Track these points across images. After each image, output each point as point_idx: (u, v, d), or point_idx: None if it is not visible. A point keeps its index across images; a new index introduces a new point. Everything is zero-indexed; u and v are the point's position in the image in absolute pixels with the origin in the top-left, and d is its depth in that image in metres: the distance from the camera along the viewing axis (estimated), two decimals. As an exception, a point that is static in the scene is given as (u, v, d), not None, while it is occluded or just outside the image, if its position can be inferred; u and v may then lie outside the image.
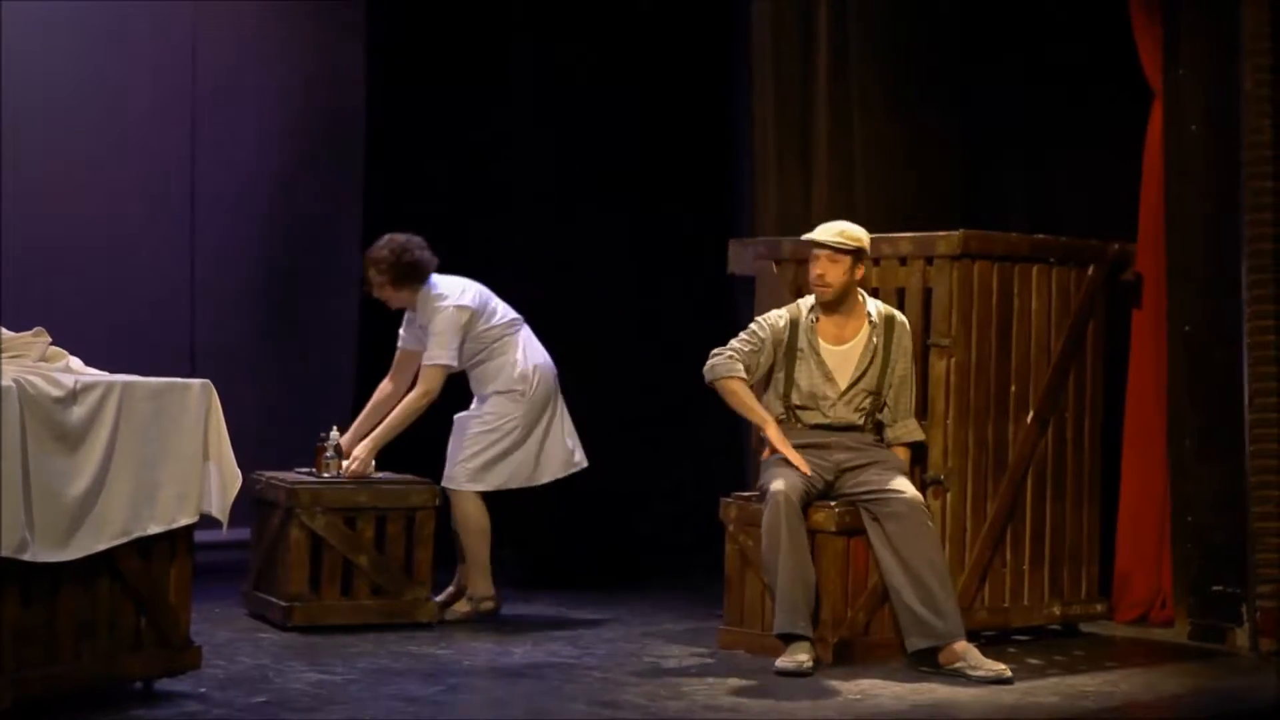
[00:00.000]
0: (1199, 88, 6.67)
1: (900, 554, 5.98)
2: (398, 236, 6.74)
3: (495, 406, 6.78)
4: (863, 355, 6.20)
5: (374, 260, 6.71)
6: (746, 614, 6.27)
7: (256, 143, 8.39)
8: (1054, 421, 6.67)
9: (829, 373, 6.19)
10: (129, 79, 8.06)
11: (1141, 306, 6.93)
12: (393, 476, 6.85)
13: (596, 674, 5.82)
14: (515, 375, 6.77)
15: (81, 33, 7.91)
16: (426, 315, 6.73)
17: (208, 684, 5.42)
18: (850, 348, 6.21)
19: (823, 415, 6.19)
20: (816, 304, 6.23)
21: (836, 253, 6.15)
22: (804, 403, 6.20)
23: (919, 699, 5.56)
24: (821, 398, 6.18)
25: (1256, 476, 6.35)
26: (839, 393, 6.19)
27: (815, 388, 6.18)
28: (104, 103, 7.98)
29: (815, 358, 6.20)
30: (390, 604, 6.56)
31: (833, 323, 6.23)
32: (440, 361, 6.67)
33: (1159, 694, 5.78)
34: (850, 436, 6.20)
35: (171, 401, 5.25)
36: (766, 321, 6.25)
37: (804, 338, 6.21)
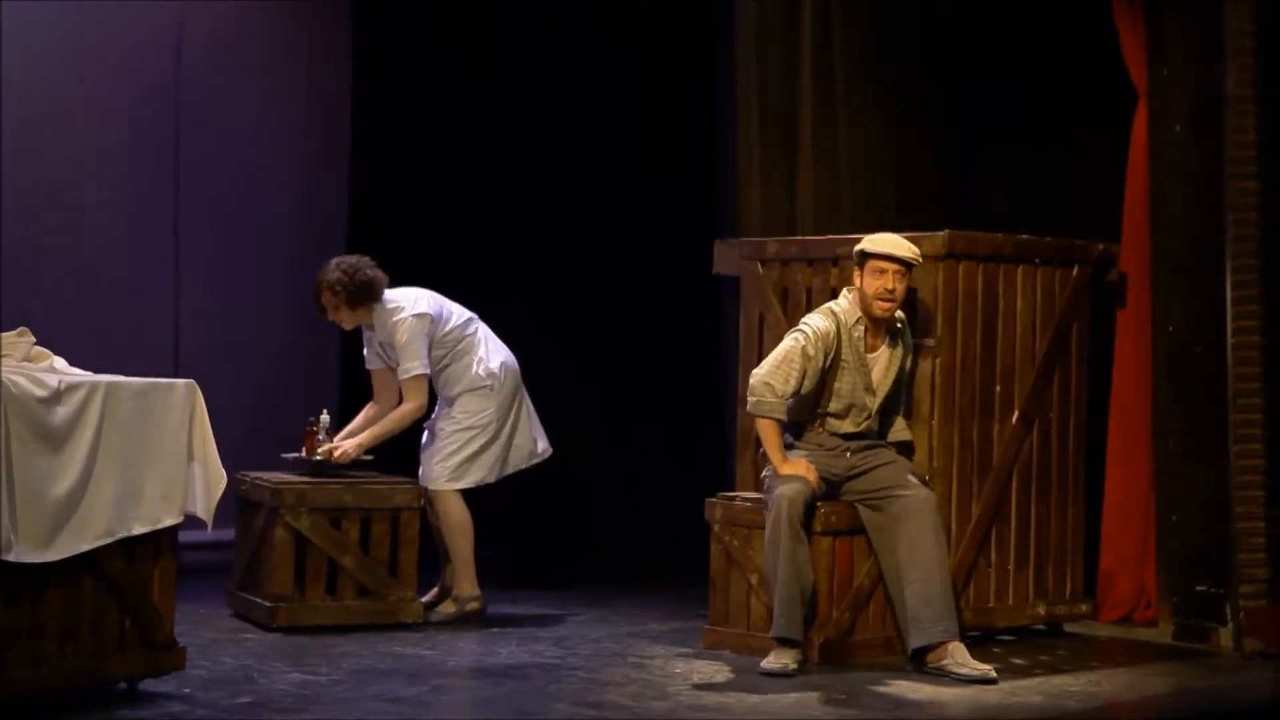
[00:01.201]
0: (1183, 88, 6.69)
1: (911, 551, 5.99)
2: (346, 258, 6.79)
3: (466, 405, 6.80)
4: (890, 363, 6.20)
5: (328, 284, 6.71)
6: (731, 614, 6.29)
7: (241, 142, 8.37)
8: (1039, 422, 6.69)
9: (870, 384, 6.16)
10: (113, 80, 8.04)
11: (1126, 307, 6.95)
12: (378, 477, 6.85)
13: (581, 674, 5.83)
14: (482, 373, 6.80)
15: (66, 34, 7.90)
16: (387, 331, 6.75)
17: (192, 685, 5.41)
18: (879, 355, 6.19)
19: (854, 424, 6.17)
20: (864, 315, 6.13)
21: (907, 269, 6.09)
22: (839, 411, 6.16)
23: (904, 699, 5.58)
24: (860, 408, 6.16)
25: (1240, 476, 6.38)
26: (877, 404, 6.18)
27: (856, 399, 6.15)
28: (88, 103, 7.97)
29: (861, 368, 6.14)
30: (375, 604, 6.56)
31: (870, 333, 6.18)
32: (418, 372, 6.71)
33: (1143, 694, 5.80)
34: (863, 440, 6.21)
35: (156, 402, 5.25)
36: (815, 335, 6.06)
37: (850, 349, 6.12)
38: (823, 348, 6.07)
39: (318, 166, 8.49)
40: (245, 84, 8.39)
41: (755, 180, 7.42)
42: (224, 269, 8.35)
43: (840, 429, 6.17)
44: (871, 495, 6.12)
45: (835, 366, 6.11)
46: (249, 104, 8.40)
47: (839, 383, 6.13)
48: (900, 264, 6.06)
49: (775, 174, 7.44)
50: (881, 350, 6.19)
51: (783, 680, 5.77)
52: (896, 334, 6.23)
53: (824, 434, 6.18)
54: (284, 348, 8.40)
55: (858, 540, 6.18)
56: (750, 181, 7.43)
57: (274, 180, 8.44)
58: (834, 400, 6.14)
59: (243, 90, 8.38)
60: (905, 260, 6.07)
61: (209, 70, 8.29)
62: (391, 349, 6.76)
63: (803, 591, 5.95)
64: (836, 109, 7.40)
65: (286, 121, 8.49)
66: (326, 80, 8.46)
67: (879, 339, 6.19)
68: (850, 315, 6.14)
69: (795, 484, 5.97)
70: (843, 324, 6.12)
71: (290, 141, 8.49)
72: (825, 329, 6.08)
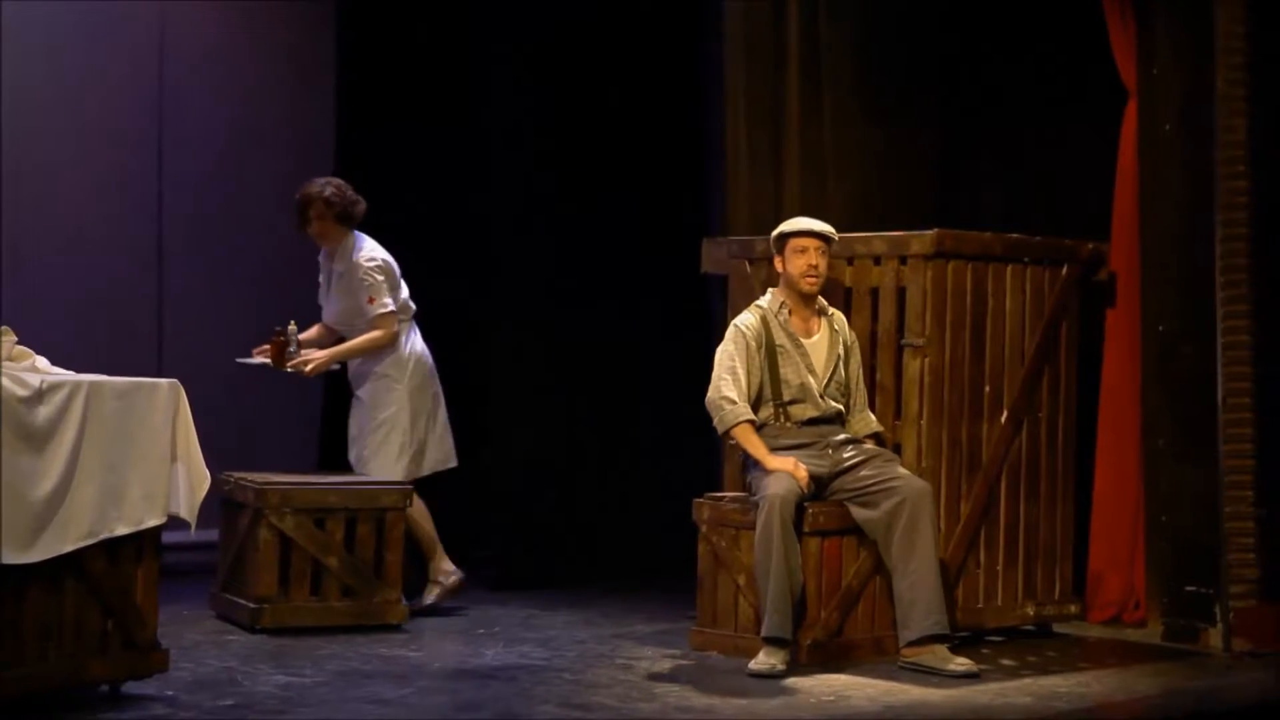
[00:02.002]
0: (1173, 87, 6.70)
1: (906, 544, 6.01)
2: (333, 179, 7.04)
3: (374, 395, 6.95)
4: (830, 348, 6.26)
5: (323, 198, 6.92)
6: (719, 615, 6.28)
7: (224, 142, 8.36)
8: (1028, 421, 6.69)
9: (810, 364, 6.24)
10: (95, 80, 8.02)
11: (1115, 306, 6.96)
12: (363, 478, 6.84)
13: (568, 676, 5.82)
14: (396, 359, 6.94)
15: (47, 35, 7.88)
16: (349, 263, 6.93)
17: (175, 687, 5.40)
18: (818, 340, 6.29)
19: (814, 407, 6.21)
20: (787, 297, 6.27)
21: (825, 243, 6.26)
22: (795, 396, 6.22)
23: (892, 700, 5.58)
24: (810, 389, 6.21)
25: (1230, 476, 6.39)
26: (823, 383, 6.24)
27: (804, 379, 6.22)
28: (70, 103, 7.95)
29: (798, 350, 6.24)
30: (360, 606, 6.56)
31: (800, 317, 6.29)
32: (390, 309, 6.90)
33: (1132, 695, 5.80)
34: (839, 432, 6.22)
35: (139, 401, 5.24)
36: (741, 329, 6.24)
37: (781, 333, 6.25)
38: (752, 336, 6.23)
39: (302, 166, 8.45)
40: (228, 83, 8.38)
41: (743, 179, 7.41)
42: (208, 268, 8.33)
43: (803, 415, 6.20)
44: (862, 491, 6.13)
45: (773, 354, 6.21)
46: (232, 103, 8.39)
47: (783, 369, 6.21)
48: (819, 239, 6.24)
49: (763, 173, 7.43)
50: (819, 335, 6.28)
51: (770, 681, 5.78)
52: (835, 322, 6.30)
53: (792, 428, 6.20)
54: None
55: (846, 540, 6.18)
56: (738, 180, 7.43)
57: (258, 180, 8.42)
58: (785, 388, 6.21)
59: (226, 88, 8.37)
60: (823, 235, 6.25)
61: (192, 69, 8.28)
62: (348, 282, 6.92)
63: (793, 591, 5.95)
64: (824, 107, 7.40)
65: (270, 121, 8.48)
66: (310, 80, 8.44)
67: (810, 322, 6.28)
68: (774, 304, 6.29)
69: (785, 482, 5.98)
70: (769, 312, 6.27)
71: (274, 141, 8.47)
72: (750, 320, 6.28)
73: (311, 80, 8.43)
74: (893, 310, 6.45)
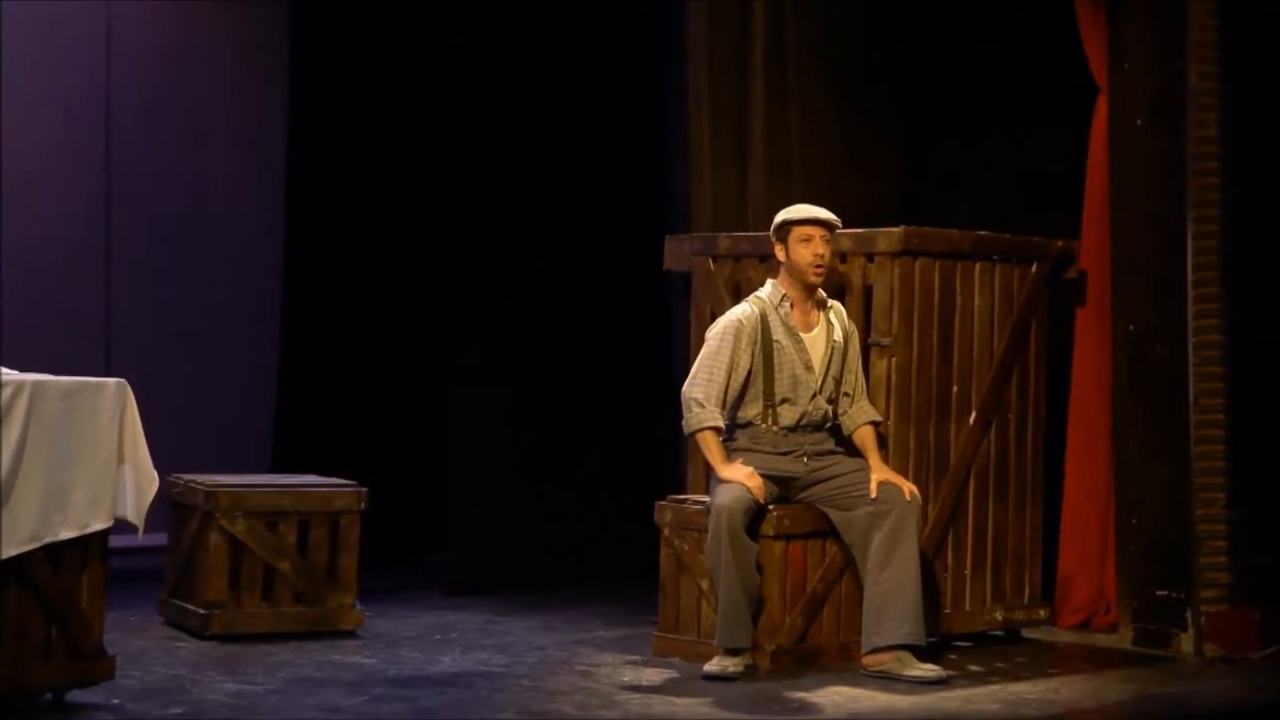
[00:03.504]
0: (1144, 82, 6.72)
1: (886, 551, 6.00)
2: None
3: None
4: (828, 342, 6.22)
5: None
6: (682, 620, 6.28)
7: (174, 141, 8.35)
8: (996, 422, 6.71)
9: (808, 361, 6.18)
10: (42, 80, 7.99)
11: (1085, 305, 6.98)
12: (317, 479, 6.82)
13: (527, 683, 5.81)
14: None
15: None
16: None
17: (121, 695, 5.37)
18: (816, 335, 6.22)
19: (803, 408, 6.17)
20: (789, 289, 6.18)
21: (830, 232, 6.18)
22: (786, 395, 6.17)
23: (858, 707, 5.58)
24: (804, 387, 6.17)
25: (1201, 478, 6.41)
26: (819, 380, 6.19)
27: (799, 376, 6.17)
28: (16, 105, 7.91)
29: (796, 345, 6.17)
30: (313, 611, 6.53)
31: (801, 310, 6.22)
32: None
33: (1102, 701, 5.83)
34: (817, 440, 6.20)
35: (85, 401, 5.20)
36: (735, 323, 6.13)
37: (780, 328, 6.16)
38: (747, 333, 6.12)
39: (253, 166, 8.46)
40: (178, 82, 8.36)
41: (707, 176, 7.41)
42: (156, 266, 8.30)
43: (790, 418, 6.17)
44: (842, 494, 6.12)
45: (770, 351, 6.14)
46: (183, 102, 8.37)
47: (779, 365, 6.15)
48: (824, 227, 6.15)
49: (727, 170, 7.42)
50: (818, 329, 6.22)
51: (733, 687, 5.77)
52: (834, 314, 6.25)
53: (775, 433, 6.18)
54: (218, 347, 8.36)
55: (811, 544, 6.19)
56: (701, 177, 7.42)
57: (208, 179, 8.41)
58: (778, 385, 6.15)
59: (176, 88, 8.35)
60: (828, 223, 6.16)
61: (141, 69, 8.26)
62: None
63: (748, 597, 5.95)
64: (790, 103, 7.40)
65: (220, 121, 8.47)
66: (262, 80, 8.43)
67: (811, 316, 6.21)
68: (775, 296, 6.19)
69: (735, 491, 5.97)
70: (768, 306, 6.18)
71: (225, 141, 8.47)
72: (748, 313, 6.16)
73: (263, 80, 8.42)
74: (859, 309, 6.46)
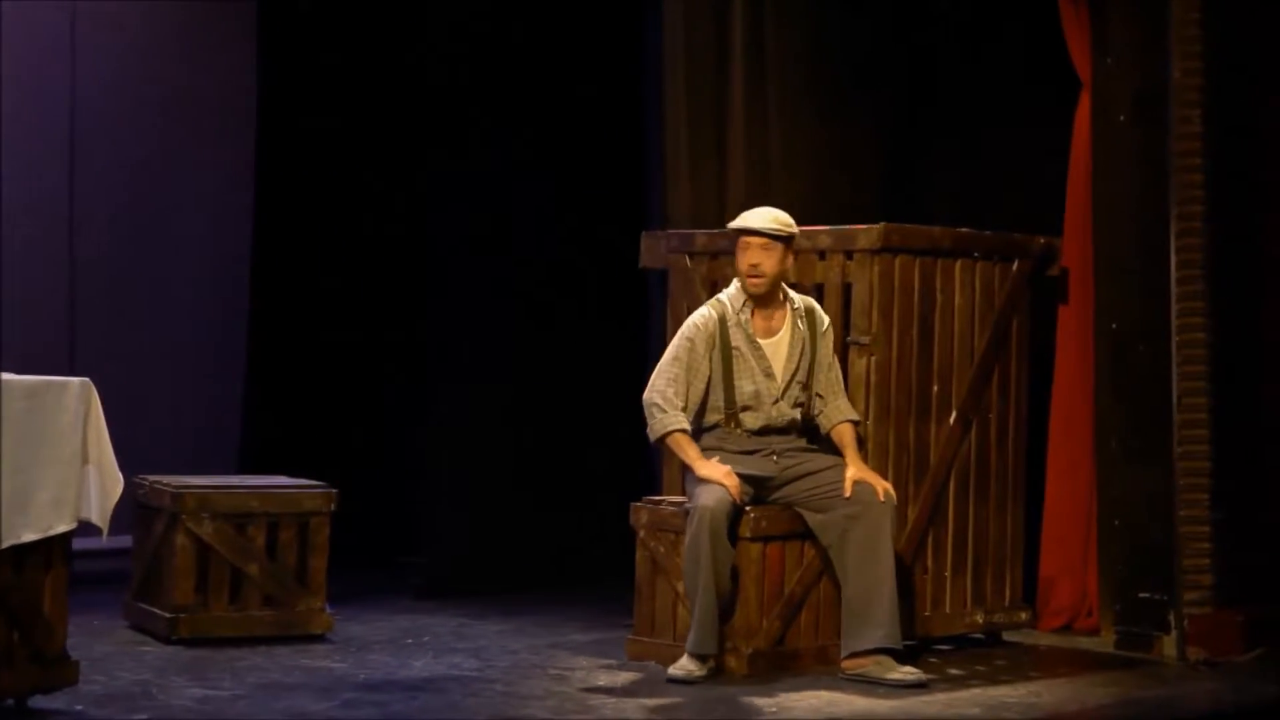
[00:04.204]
0: (1127, 77, 6.72)
1: (861, 553, 5.98)
2: None
3: None
4: (792, 345, 6.19)
5: None
6: (657, 623, 6.26)
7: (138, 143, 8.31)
8: (977, 422, 6.70)
9: (768, 368, 6.16)
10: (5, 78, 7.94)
11: (1068, 302, 6.98)
12: (285, 481, 6.79)
13: (499, 687, 5.79)
14: None
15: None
16: None
17: (84, 701, 5.33)
18: (780, 339, 6.19)
19: (765, 416, 6.16)
20: (747, 296, 6.19)
21: (771, 240, 6.12)
22: (748, 403, 6.16)
23: (836, 711, 5.57)
24: (765, 395, 6.15)
25: (1185, 479, 6.42)
26: (780, 389, 6.17)
27: (758, 386, 6.15)
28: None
29: (755, 353, 6.15)
30: (282, 615, 6.50)
31: (762, 315, 6.20)
32: None
33: (1084, 705, 5.83)
34: (789, 440, 6.19)
35: (48, 401, 5.16)
36: (694, 328, 6.15)
37: (739, 334, 6.15)
38: (704, 338, 6.11)
39: (221, 162, 8.45)
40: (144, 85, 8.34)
41: (684, 173, 7.39)
42: (121, 264, 8.27)
43: (753, 424, 6.15)
44: (816, 495, 6.10)
45: (728, 359, 6.12)
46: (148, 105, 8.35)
47: (738, 373, 6.13)
48: (761, 236, 6.08)
49: (704, 166, 7.41)
50: (782, 334, 6.18)
51: (709, 691, 5.75)
52: (809, 318, 6.20)
53: (741, 435, 6.16)
54: (185, 346, 8.33)
55: (790, 546, 6.17)
56: (679, 174, 7.41)
57: (175, 175, 8.39)
58: (739, 394, 6.14)
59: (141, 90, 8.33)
60: (762, 231, 6.09)
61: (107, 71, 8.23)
62: None
63: (720, 603, 5.94)
64: (769, 97, 7.39)
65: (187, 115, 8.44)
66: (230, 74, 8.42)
67: (774, 321, 6.18)
68: (737, 300, 6.18)
69: (716, 493, 5.95)
70: (729, 310, 6.16)
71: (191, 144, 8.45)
72: (707, 318, 6.15)
73: (230, 76, 8.41)
74: (838, 306, 6.44)
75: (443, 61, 7.96)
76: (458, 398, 7.83)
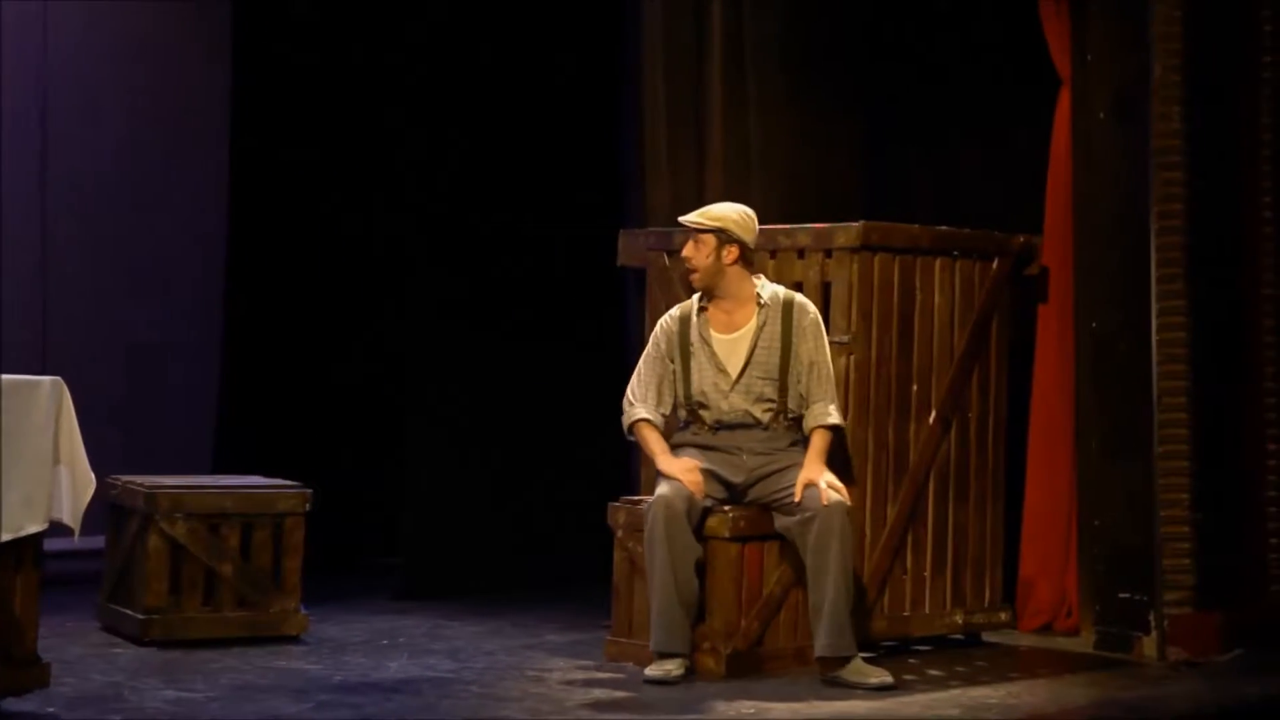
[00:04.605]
0: (1107, 75, 6.73)
1: (815, 558, 5.97)
2: None
3: None
4: (753, 340, 6.19)
5: None
6: (635, 624, 6.25)
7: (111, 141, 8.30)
8: (957, 421, 6.71)
9: (720, 363, 6.18)
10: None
11: (1048, 301, 6.99)
12: (260, 481, 6.77)
13: (475, 689, 5.78)
14: None
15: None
16: None
17: (56, 703, 5.31)
18: (742, 335, 6.20)
19: (718, 411, 6.18)
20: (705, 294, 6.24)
21: (699, 233, 6.17)
22: (701, 399, 6.19)
23: (815, 713, 5.57)
24: (715, 390, 6.17)
25: (1165, 479, 6.42)
26: (731, 382, 6.18)
27: (709, 380, 6.17)
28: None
29: (707, 349, 6.19)
30: (256, 616, 6.48)
31: (722, 310, 6.22)
32: None
33: (1063, 706, 5.83)
34: (760, 439, 6.18)
35: (18, 400, 5.15)
36: (660, 329, 6.26)
37: (695, 332, 6.21)
38: (666, 338, 6.22)
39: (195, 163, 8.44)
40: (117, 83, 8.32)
41: (663, 169, 7.40)
42: (94, 263, 8.25)
43: (709, 419, 6.17)
44: (778, 498, 6.10)
45: (686, 355, 6.19)
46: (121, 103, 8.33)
47: (694, 368, 6.19)
48: (695, 230, 6.15)
49: (683, 162, 7.42)
50: (745, 330, 6.19)
51: (687, 692, 5.74)
52: (784, 313, 6.17)
53: (706, 431, 6.17)
54: (159, 346, 8.31)
55: (768, 546, 6.17)
56: (658, 170, 7.41)
57: (149, 176, 8.37)
58: (694, 389, 6.19)
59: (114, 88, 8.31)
60: (686, 225, 6.18)
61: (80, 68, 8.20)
62: None
63: (682, 599, 5.93)
64: (748, 95, 7.39)
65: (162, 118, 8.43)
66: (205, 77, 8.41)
67: (736, 316, 6.20)
68: (698, 298, 6.25)
69: (673, 485, 5.96)
70: (691, 308, 6.23)
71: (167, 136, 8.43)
72: (670, 318, 6.26)
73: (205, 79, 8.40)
74: (818, 305, 6.42)
75: (416, 55, 7.95)
76: (435, 398, 7.81)
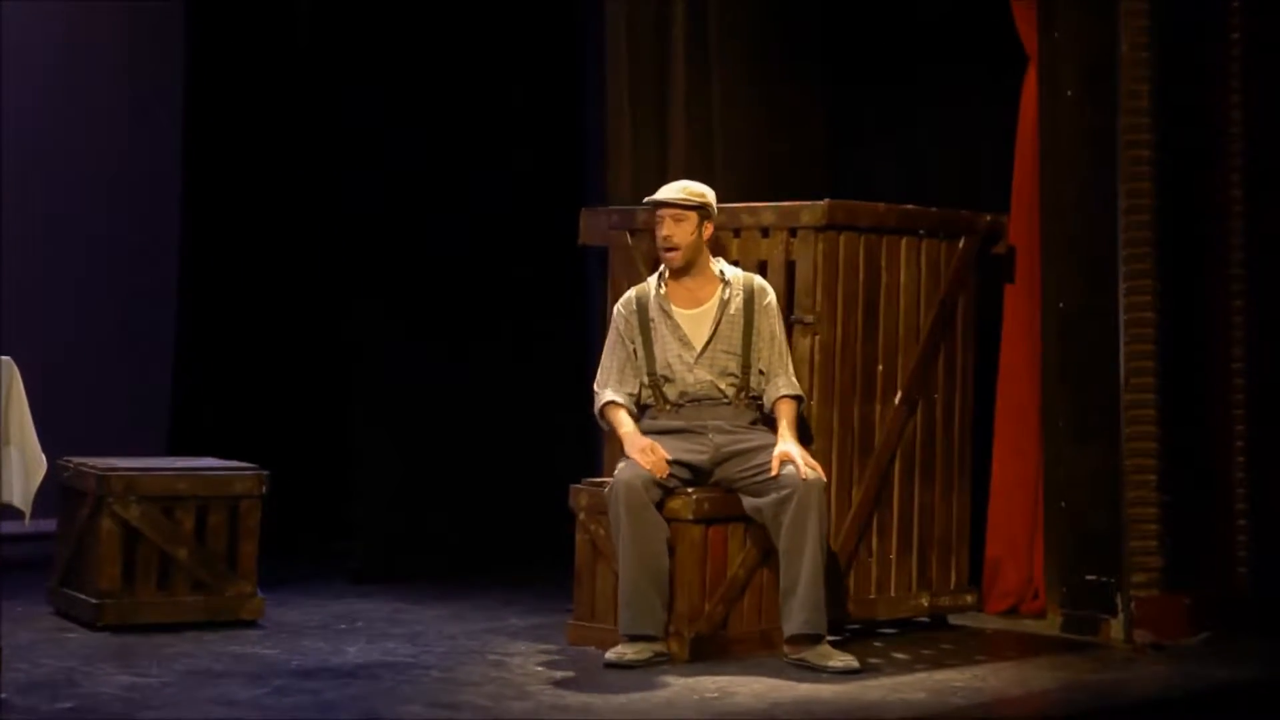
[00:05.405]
0: (1074, 51, 6.73)
1: (787, 536, 5.97)
2: None
3: None
4: (717, 313, 6.20)
5: None
6: (598, 608, 6.24)
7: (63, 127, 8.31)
8: (923, 403, 6.71)
9: (684, 336, 6.20)
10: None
11: (1014, 281, 6.99)
12: (215, 463, 6.74)
13: (435, 674, 5.76)
14: None
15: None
16: None
17: (8, 689, 5.27)
18: (705, 310, 6.23)
19: (682, 383, 6.18)
20: (665, 270, 6.24)
21: (681, 210, 6.17)
22: (665, 372, 6.20)
23: (779, 696, 5.57)
24: (680, 362, 6.17)
25: (1132, 460, 6.44)
26: (695, 355, 6.18)
27: (672, 352, 6.18)
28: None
29: (669, 322, 6.21)
30: (212, 600, 6.45)
31: (684, 287, 6.25)
32: None
33: (1030, 689, 5.85)
34: (726, 415, 6.18)
35: (-33, 380, 5.12)
36: (621, 306, 6.27)
37: (654, 307, 6.23)
38: (624, 320, 6.25)
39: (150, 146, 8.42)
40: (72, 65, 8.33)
41: (626, 147, 7.37)
42: (47, 242, 8.22)
43: (674, 393, 6.19)
44: (750, 479, 6.09)
45: (646, 330, 6.21)
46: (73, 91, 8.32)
47: (654, 344, 6.21)
48: (672, 207, 6.17)
49: (647, 141, 7.39)
50: (709, 304, 6.22)
51: (650, 676, 5.74)
52: (745, 290, 6.20)
53: (669, 408, 6.18)
54: (111, 325, 8.28)
55: (733, 528, 6.16)
56: (621, 148, 7.38)
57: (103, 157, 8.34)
58: (657, 363, 6.21)
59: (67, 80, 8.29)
60: (671, 202, 6.18)
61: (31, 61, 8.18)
62: None
63: (652, 579, 5.93)
64: (710, 71, 7.36)
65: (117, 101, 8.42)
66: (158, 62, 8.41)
67: (700, 293, 6.23)
68: (659, 274, 6.28)
69: (633, 468, 5.97)
70: (651, 285, 6.26)
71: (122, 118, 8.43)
72: (627, 300, 6.30)
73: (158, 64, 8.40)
74: (782, 285, 6.43)
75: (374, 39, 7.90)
76: (392, 378, 7.79)
